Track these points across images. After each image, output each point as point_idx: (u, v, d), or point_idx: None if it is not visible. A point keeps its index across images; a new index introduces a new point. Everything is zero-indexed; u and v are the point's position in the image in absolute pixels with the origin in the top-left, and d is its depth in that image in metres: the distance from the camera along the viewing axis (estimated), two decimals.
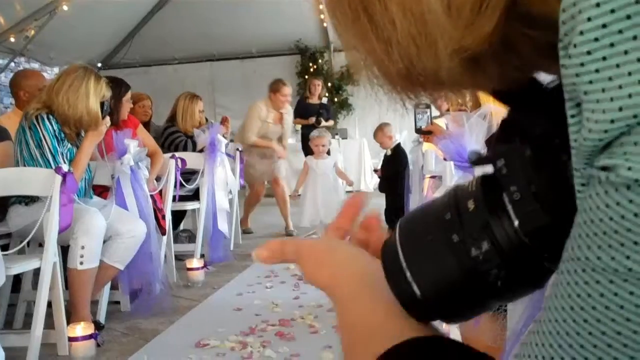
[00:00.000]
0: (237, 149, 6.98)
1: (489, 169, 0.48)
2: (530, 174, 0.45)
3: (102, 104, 3.91)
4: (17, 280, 4.02)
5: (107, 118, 3.98)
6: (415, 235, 0.50)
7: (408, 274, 0.49)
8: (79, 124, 3.87)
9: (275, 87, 7.39)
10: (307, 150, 9.48)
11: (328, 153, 6.80)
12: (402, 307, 0.51)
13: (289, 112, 7.66)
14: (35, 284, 3.65)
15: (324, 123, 9.75)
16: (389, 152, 6.86)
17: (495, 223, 0.45)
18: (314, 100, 9.97)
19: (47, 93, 3.88)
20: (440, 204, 0.50)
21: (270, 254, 0.67)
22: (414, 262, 0.49)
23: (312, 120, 9.81)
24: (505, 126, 0.50)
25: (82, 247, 3.67)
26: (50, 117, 3.78)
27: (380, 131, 6.87)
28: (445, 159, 2.99)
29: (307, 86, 10.40)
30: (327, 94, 11.24)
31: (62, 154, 3.81)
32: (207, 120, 6.55)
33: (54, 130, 3.78)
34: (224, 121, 6.85)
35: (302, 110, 10.02)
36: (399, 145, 6.92)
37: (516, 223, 0.44)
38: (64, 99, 3.80)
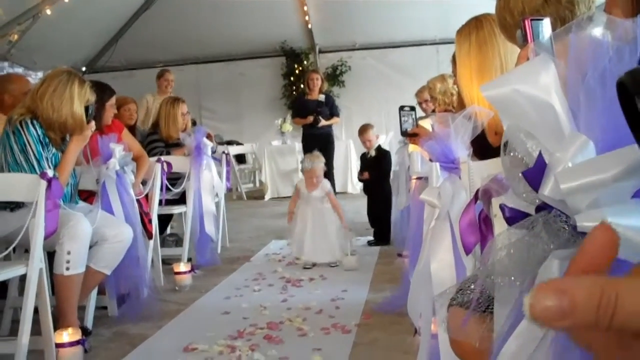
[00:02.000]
0: (224, 152, 6.97)
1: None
2: None
3: (86, 108, 3.89)
4: (3, 286, 4.00)
5: (93, 122, 3.96)
6: None
7: None
8: (64, 128, 3.85)
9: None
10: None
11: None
12: None
13: None
14: (21, 291, 3.62)
15: (323, 122, 9.45)
16: (373, 153, 6.76)
17: None
18: (313, 96, 9.56)
19: (31, 98, 3.85)
20: None
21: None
22: None
23: (310, 119, 9.47)
24: None
25: (68, 253, 3.65)
26: (35, 121, 3.76)
27: (364, 132, 6.77)
28: (431, 160, 3.00)
29: (305, 81, 9.93)
30: (328, 89, 10.81)
31: (47, 159, 3.79)
32: (194, 123, 6.46)
33: (38, 135, 3.76)
34: (209, 137, 6.59)
35: (301, 107, 9.64)
36: (380, 147, 6.87)
37: None
38: (48, 104, 3.78)
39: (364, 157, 6.98)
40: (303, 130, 9.62)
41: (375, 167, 6.74)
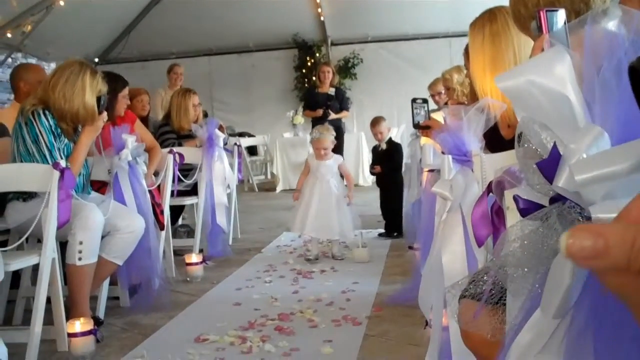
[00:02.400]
0: (235, 144, 6.97)
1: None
2: None
3: (99, 99, 3.89)
4: (16, 276, 4.02)
5: (105, 113, 3.96)
6: None
7: None
8: (76, 118, 3.86)
9: None
10: None
11: (336, 151, 6.20)
12: None
13: None
14: (34, 280, 3.64)
15: (333, 115, 9.47)
16: (384, 146, 6.69)
17: None
18: (324, 89, 9.64)
19: (43, 88, 3.87)
20: None
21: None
22: None
23: (320, 112, 9.50)
24: None
25: (80, 243, 3.67)
26: (47, 112, 3.77)
27: (376, 124, 6.71)
28: (443, 153, 2.99)
29: (317, 74, 10.00)
30: (340, 82, 10.78)
31: (59, 150, 3.80)
32: (206, 114, 6.45)
33: (50, 126, 3.77)
34: (220, 129, 6.55)
35: (311, 100, 9.69)
36: (391, 139, 6.82)
37: None
38: (60, 94, 3.79)
39: (375, 150, 6.93)
40: (312, 122, 9.61)
41: (387, 159, 6.68)
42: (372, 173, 7.08)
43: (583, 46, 0.84)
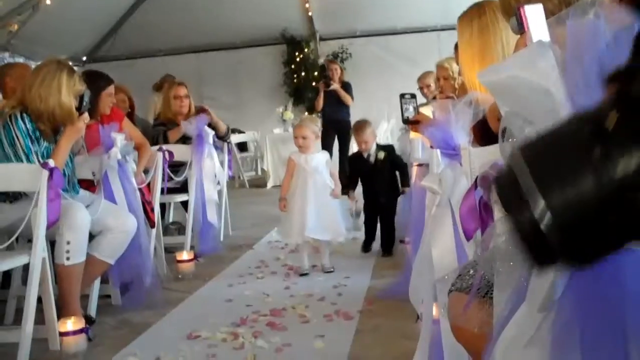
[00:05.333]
0: (228, 140, 6.94)
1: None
2: None
3: (81, 99, 3.84)
4: (7, 276, 4.01)
5: (86, 114, 3.89)
6: (545, 158, 0.44)
7: (539, 201, 0.42)
8: (53, 119, 3.79)
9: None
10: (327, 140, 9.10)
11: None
12: (521, 242, 0.44)
13: None
14: (25, 280, 3.63)
15: (335, 85, 9.54)
16: (382, 156, 5.46)
17: None
18: (334, 86, 9.76)
19: (22, 89, 3.83)
20: (571, 123, 0.44)
21: None
22: (546, 187, 0.42)
23: (322, 85, 9.63)
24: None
25: (68, 243, 3.65)
26: (24, 115, 3.71)
27: (361, 130, 5.52)
28: (431, 147, 3.00)
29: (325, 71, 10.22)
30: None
31: (37, 153, 3.73)
32: (196, 109, 6.34)
33: (28, 130, 3.71)
34: (203, 111, 6.35)
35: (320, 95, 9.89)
36: (380, 145, 5.63)
37: None
38: (36, 94, 3.72)
39: (356, 161, 5.73)
40: (322, 117, 9.58)
41: (388, 175, 5.51)
42: (346, 193, 5.59)
43: (565, 39, 0.85)
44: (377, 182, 5.51)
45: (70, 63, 4.12)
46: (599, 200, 0.40)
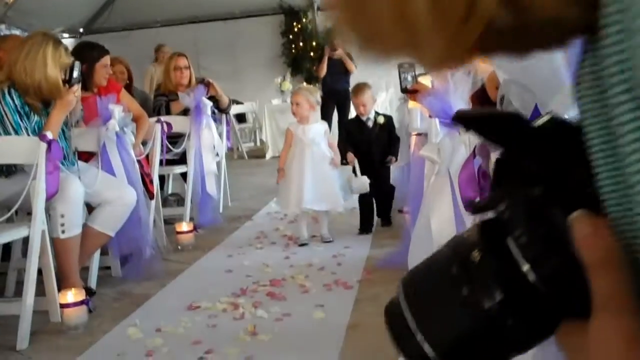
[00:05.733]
0: (227, 113, 6.91)
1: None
2: (535, 215, 0.43)
3: (70, 71, 3.77)
4: (6, 248, 4.02)
5: (76, 87, 3.81)
6: (421, 295, 0.49)
7: (419, 336, 0.47)
8: (39, 92, 3.74)
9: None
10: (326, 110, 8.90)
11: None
12: None
13: None
14: (25, 252, 3.64)
15: (340, 51, 9.42)
16: (380, 120, 5.31)
17: (504, 270, 0.43)
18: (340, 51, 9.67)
19: (8, 63, 3.79)
20: (442, 259, 0.48)
21: None
22: (424, 322, 0.47)
23: (327, 50, 9.56)
24: (501, 169, 0.49)
25: (62, 216, 3.64)
26: (12, 90, 3.68)
27: (360, 93, 5.35)
28: (430, 116, 3.00)
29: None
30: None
31: (26, 129, 3.69)
32: (197, 81, 6.31)
33: (16, 105, 3.67)
34: (208, 85, 6.39)
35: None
36: (379, 113, 5.47)
37: (526, 267, 0.42)
38: (21, 68, 3.67)
39: (353, 125, 5.59)
40: (322, 86, 9.53)
41: (384, 141, 5.34)
42: (347, 162, 5.31)
43: None
44: (374, 148, 5.30)
45: (67, 35, 4.08)
46: (472, 332, 0.45)
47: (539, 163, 0.44)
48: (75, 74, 3.80)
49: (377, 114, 5.37)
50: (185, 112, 5.94)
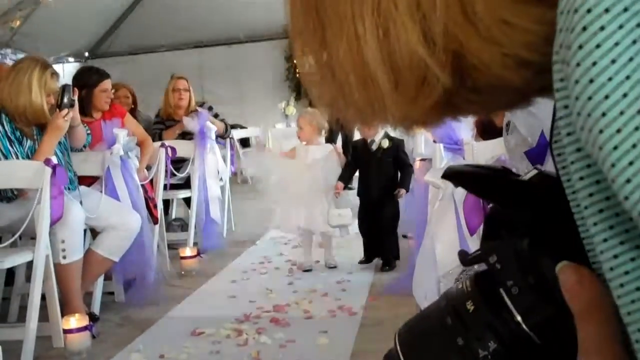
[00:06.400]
0: (229, 137, 6.93)
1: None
2: (525, 266, 0.44)
3: (61, 96, 3.73)
4: (10, 273, 4.01)
5: (65, 111, 3.75)
6: (417, 347, 0.50)
7: None
8: (25, 118, 3.73)
9: None
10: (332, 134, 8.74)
11: (329, 140, 5.46)
12: None
13: None
14: (28, 277, 3.64)
15: None
16: (386, 144, 4.73)
17: (497, 320, 0.45)
18: None
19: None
20: (437, 311, 0.49)
21: None
22: None
23: None
24: (491, 222, 0.50)
25: (63, 241, 3.63)
26: (2, 116, 3.69)
27: None
28: (434, 141, 2.99)
29: None
30: None
31: (17, 154, 3.69)
32: (196, 103, 6.30)
33: (6, 131, 3.68)
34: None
35: None
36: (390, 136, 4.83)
37: (518, 318, 0.44)
38: (8, 93, 3.69)
39: (356, 148, 5.05)
40: None
41: (389, 170, 4.81)
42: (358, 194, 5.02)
43: None
44: (373, 176, 4.81)
45: (73, 59, 4.09)
46: None
47: (527, 215, 0.46)
48: (66, 98, 3.75)
49: (385, 135, 4.76)
50: (185, 136, 5.93)
